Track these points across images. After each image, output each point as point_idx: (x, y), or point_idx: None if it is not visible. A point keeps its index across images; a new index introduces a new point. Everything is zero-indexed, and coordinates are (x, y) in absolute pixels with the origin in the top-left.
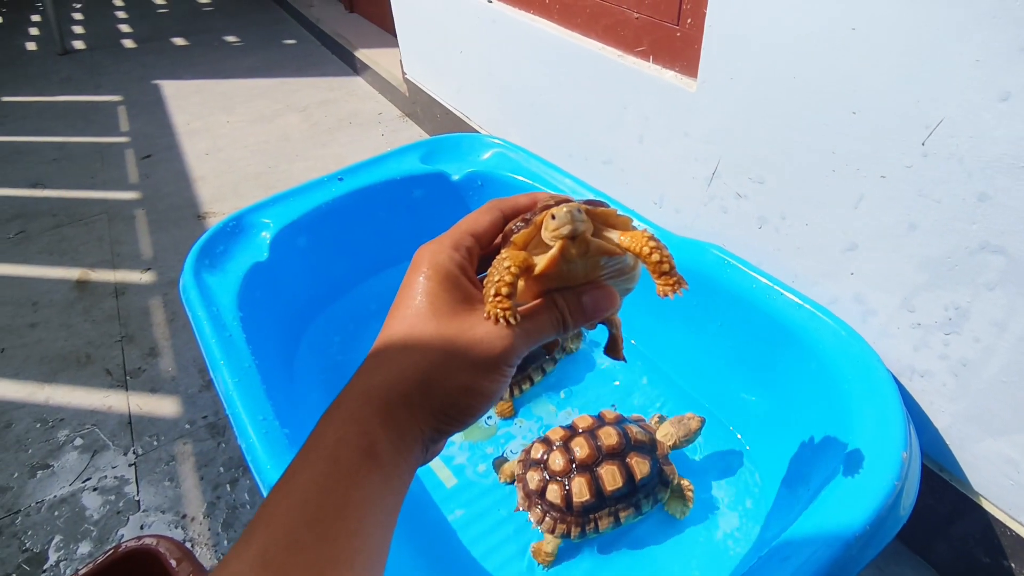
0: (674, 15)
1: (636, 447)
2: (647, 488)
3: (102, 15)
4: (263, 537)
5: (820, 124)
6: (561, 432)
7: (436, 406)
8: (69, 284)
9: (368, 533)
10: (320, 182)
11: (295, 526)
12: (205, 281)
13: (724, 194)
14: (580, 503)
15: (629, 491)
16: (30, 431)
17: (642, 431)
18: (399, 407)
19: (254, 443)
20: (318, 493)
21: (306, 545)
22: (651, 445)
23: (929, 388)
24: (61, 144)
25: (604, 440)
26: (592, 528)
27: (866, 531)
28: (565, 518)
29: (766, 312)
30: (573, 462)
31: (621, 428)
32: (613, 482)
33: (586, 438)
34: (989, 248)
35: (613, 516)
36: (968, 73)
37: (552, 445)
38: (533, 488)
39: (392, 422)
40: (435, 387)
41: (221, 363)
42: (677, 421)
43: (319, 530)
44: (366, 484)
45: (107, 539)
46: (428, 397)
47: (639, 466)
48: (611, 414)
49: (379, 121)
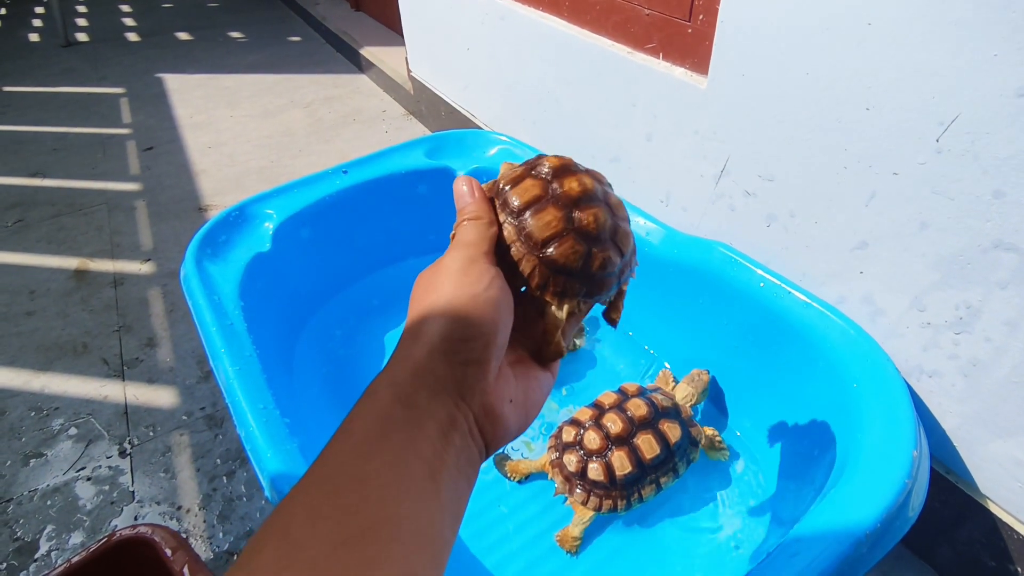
0: (686, 11)
1: (664, 413)
2: (681, 451)
3: (106, 8)
4: (284, 514)
5: (833, 121)
6: (589, 412)
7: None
8: (67, 273)
9: (395, 501)
10: (324, 175)
11: (314, 500)
12: (207, 269)
13: (732, 192)
14: (623, 475)
15: (667, 456)
16: (24, 419)
17: (664, 397)
18: (407, 375)
19: (254, 432)
20: (335, 469)
21: (326, 516)
22: (676, 409)
23: (938, 389)
24: (62, 134)
25: (634, 412)
26: (637, 498)
27: (876, 529)
28: (610, 493)
29: (774, 311)
30: (608, 438)
31: (647, 398)
32: (651, 450)
33: (617, 413)
34: (1003, 246)
35: (655, 483)
36: (985, 69)
37: (583, 425)
38: (573, 470)
39: (404, 388)
40: (426, 329)
41: (222, 351)
42: (690, 380)
43: (338, 501)
44: (383, 451)
45: (100, 529)
46: (426, 342)
47: (671, 431)
48: (632, 387)
49: (383, 119)
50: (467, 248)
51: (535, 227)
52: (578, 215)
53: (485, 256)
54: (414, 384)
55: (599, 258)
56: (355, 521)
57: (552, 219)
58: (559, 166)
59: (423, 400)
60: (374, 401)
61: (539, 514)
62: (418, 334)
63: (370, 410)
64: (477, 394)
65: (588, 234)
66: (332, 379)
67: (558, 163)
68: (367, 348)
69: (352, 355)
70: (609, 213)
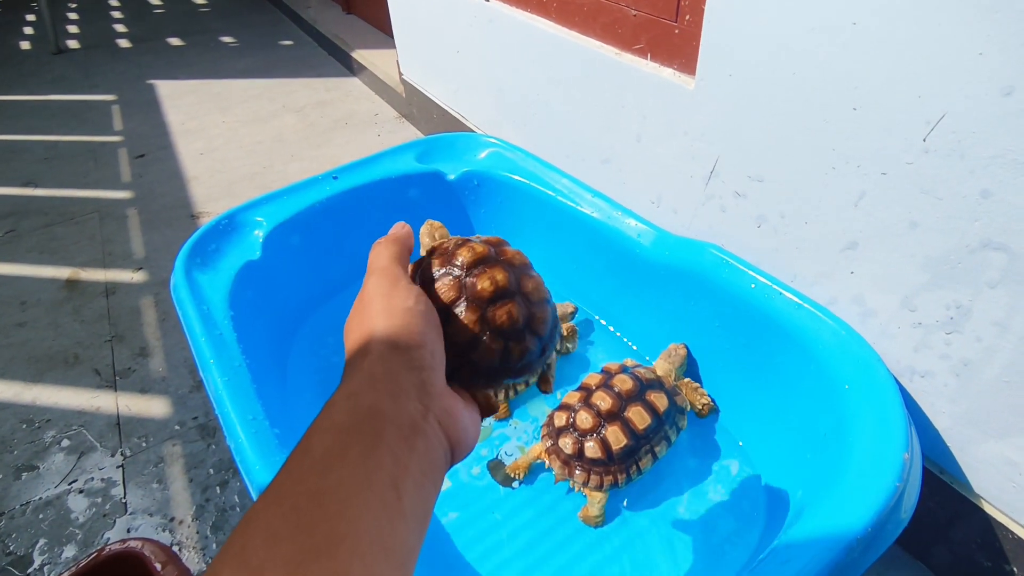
0: (672, 11)
1: (649, 385)
2: (670, 419)
3: (97, 15)
4: (241, 537)
5: (820, 121)
6: (577, 394)
7: (387, 352)
8: (59, 283)
9: (354, 516)
10: (314, 181)
11: (271, 520)
12: (196, 279)
13: (723, 193)
14: (619, 449)
15: (657, 425)
16: (16, 432)
17: (647, 370)
18: (364, 384)
19: (243, 443)
20: (292, 484)
21: (283, 537)
22: (659, 381)
23: (930, 389)
24: (54, 143)
25: (621, 387)
26: (635, 470)
27: (867, 533)
28: (609, 469)
29: (765, 312)
30: (600, 415)
31: (631, 373)
32: (643, 420)
33: (604, 390)
34: (991, 246)
35: (650, 452)
36: (971, 67)
37: (574, 408)
38: (570, 452)
39: (362, 398)
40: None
41: (211, 362)
42: (667, 355)
43: (295, 520)
44: (342, 466)
45: (92, 542)
46: (377, 352)
47: (659, 400)
48: (614, 366)
49: (375, 122)
50: (385, 271)
51: (454, 332)
52: (492, 314)
53: (405, 275)
54: (374, 392)
55: (516, 350)
56: (313, 540)
57: (469, 322)
58: (472, 262)
59: (384, 406)
60: (332, 414)
61: (533, 520)
62: (367, 351)
63: (328, 423)
64: (436, 396)
65: (503, 331)
66: (326, 386)
67: (471, 258)
68: None
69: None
70: (524, 303)
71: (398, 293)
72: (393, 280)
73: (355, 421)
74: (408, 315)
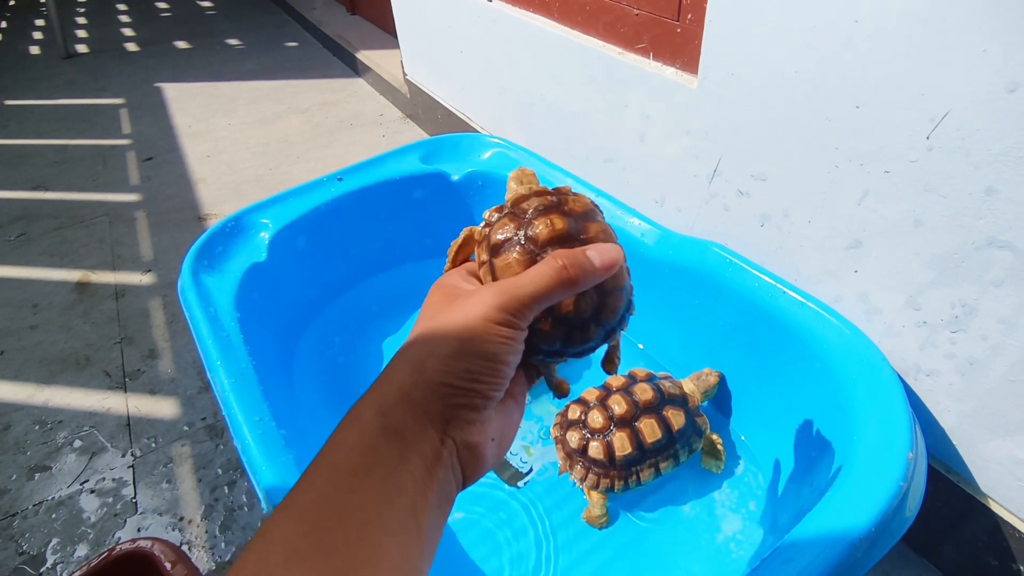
0: (674, 11)
1: (670, 400)
2: (684, 438)
3: (105, 19)
4: (259, 551)
5: (823, 119)
6: (596, 392)
7: (434, 380)
8: (69, 286)
9: (375, 541)
10: (319, 182)
11: (292, 537)
12: (203, 282)
13: (726, 192)
14: (622, 456)
15: (668, 442)
16: (29, 433)
17: (673, 385)
18: (396, 404)
19: (249, 444)
20: (315, 501)
21: (304, 556)
22: (683, 398)
23: (935, 387)
24: (63, 147)
25: (640, 395)
26: (635, 480)
27: (871, 533)
28: (608, 472)
29: (769, 311)
30: (612, 419)
31: (654, 384)
32: (653, 434)
33: (622, 395)
34: (996, 244)
35: (654, 467)
36: (975, 64)
37: (589, 405)
38: (574, 447)
39: (391, 418)
40: (427, 364)
41: (218, 364)
42: (696, 377)
43: (316, 540)
44: (365, 487)
45: (104, 541)
46: (423, 375)
47: (675, 418)
48: (642, 372)
49: (380, 123)
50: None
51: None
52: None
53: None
54: (403, 413)
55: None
56: (333, 562)
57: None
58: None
59: (410, 432)
60: (360, 427)
61: (537, 520)
62: (420, 363)
63: (355, 438)
64: (465, 431)
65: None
66: (332, 386)
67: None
68: (366, 354)
69: (351, 362)
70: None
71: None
72: (450, 296)
73: (382, 441)
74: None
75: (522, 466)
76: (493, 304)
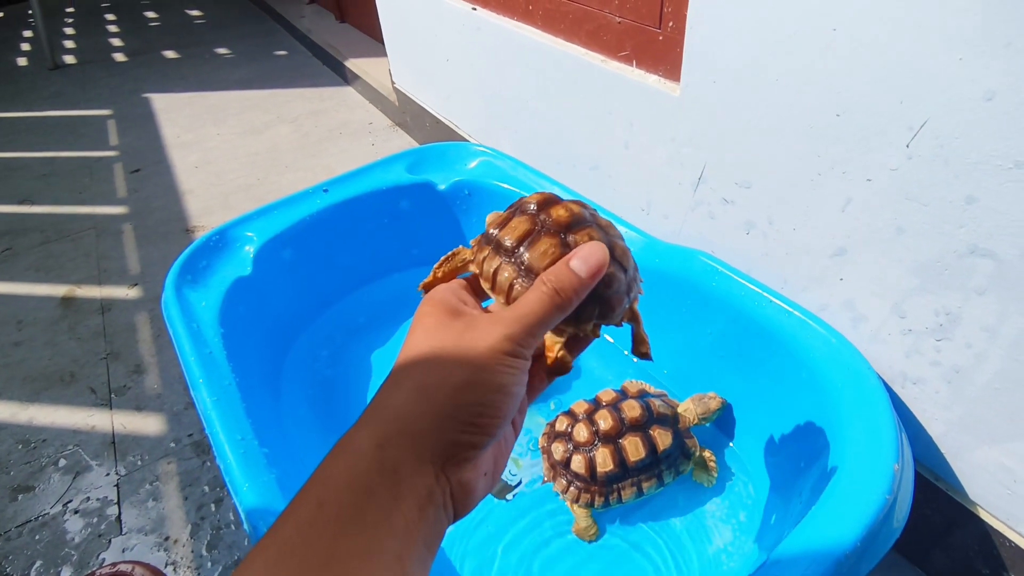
0: (656, 18)
1: (658, 420)
2: (669, 459)
3: (94, 29)
4: None
5: (804, 127)
6: (585, 405)
7: (439, 413)
8: (55, 301)
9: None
10: (305, 194)
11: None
12: (187, 297)
13: (711, 199)
14: (604, 473)
15: (651, 462)
16: (12, 453)
17: (664, 404)
18: (397, 436)
19: (231, 464)
20: (301, 544)
21: None
22: (673, 418)
23: (922, 395)
24: (50, 159)
25: (627, 412)
26: (615, 498)
27: (857, 548)
28: (589, 487)
29: (755, 319)
30: (597, 434)
31: (644, 401)
32: (636, 453)
33: (609, 411)
34: (978, 252)
35: (636, 486)
36: (952, 72)
37: (576, 418)
38: (558, 459)
39: (390, 453)
40: (433, 394)
41: (200, 381)
42: (699, 399)
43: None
44: (354, 532)
45: (88, 563)
46: (429, 406)
47: (661, 438)
48: (634, 387)
49: (369, 131)
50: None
51: (533, 258)
52: (573, 238)
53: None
54: (403, 448)
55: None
56: None
57: (548, 247)
58: (543, 199)
59: (408, 469)
60: (355, 460)
61: (527, 532)
62: (427, 392)
63: (349, 473)
64: (459, 471)
65: None
66: (320, 400)
67: (541, 197)
68: (354, 367)
69: (339, 375)
70: (602, 232)
71: (509, 363)
72: (449, 314)
73: (378, 480)
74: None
75: (511, 479)
76: (503, 334)
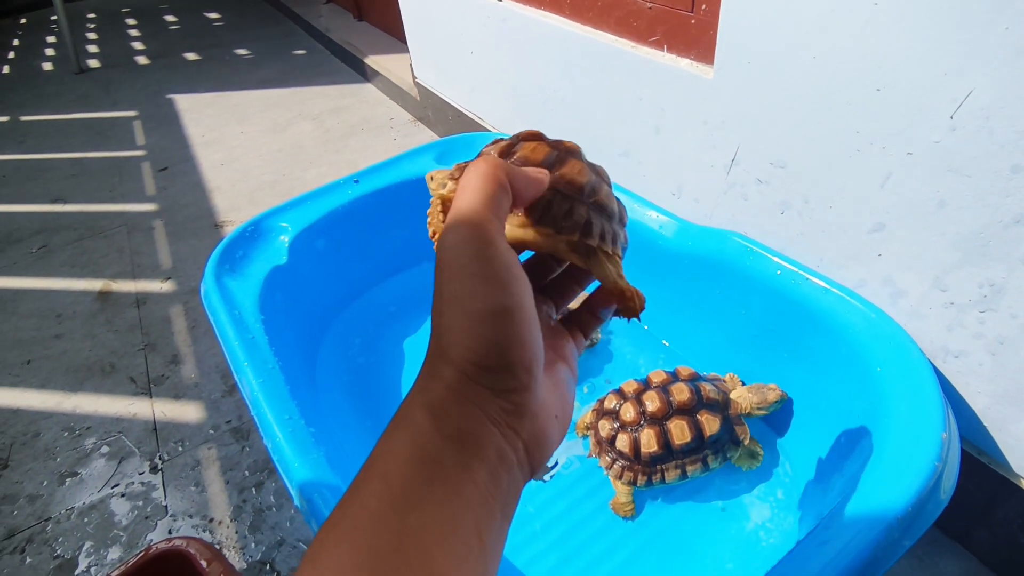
0: (688, 2)
1: (708, 405)
2: (716, 445)
3: (116, 34)
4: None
5: (843, 103)
6: (635, 385)
7: (468, 362)
8: (91, 295)
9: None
10: (336, 185)
11: (345, 564)
12: (226, 285)
13: (744, 181)
14: (648, 453)
15: (697, 446)
16: (58, 440)
17: (716, 390)
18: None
19: (280, 442)
20: (370, 522)
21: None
22: (723, 404)
23: (964, 369)
24: (79, 160)
25: (676, 395)
26: (659, 478)
27: (908, 513)
28: (633, 466)
29: (793, 298)
30: (643, 414)
31: (694, 385)
32: (681, 436)
33: (658, 392)
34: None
35: (680, 469)
36: (997, 41)
37: (625, 397)
38: (604, 436)
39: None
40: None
41: (245, 365)
42: (756, 388)
43: (372, 567)
44: (425, 505)
45: (136, 544)
46: (456, 364)
47: (708, 423)
48: (686, 371)
49: (391, 126)
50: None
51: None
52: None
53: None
54: (458, 412)
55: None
56: None
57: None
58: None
59: (471, 433)
60: (413, 432)
61: (566, 512)
62: (446, 353)
63: (409, 444)
64: (527, 421)
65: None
66: (354, 387)
67: (528, 133)
68: (387, 354)
69: (372, 362)
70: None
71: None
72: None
73: (442, 447)
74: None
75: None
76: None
